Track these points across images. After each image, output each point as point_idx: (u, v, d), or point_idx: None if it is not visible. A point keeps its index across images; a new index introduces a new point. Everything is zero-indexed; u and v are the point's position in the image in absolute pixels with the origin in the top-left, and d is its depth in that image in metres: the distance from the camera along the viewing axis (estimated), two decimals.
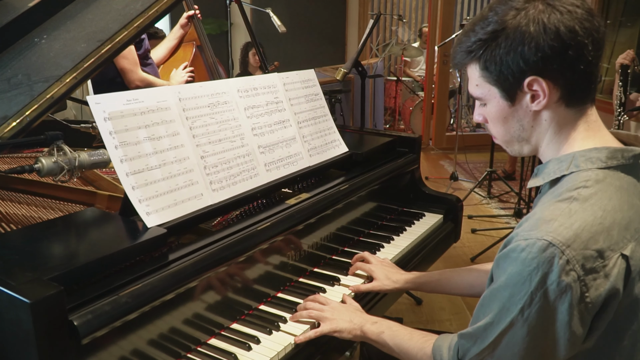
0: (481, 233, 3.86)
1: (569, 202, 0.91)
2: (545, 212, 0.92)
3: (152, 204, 1.23)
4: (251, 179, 1.51)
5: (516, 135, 1.03)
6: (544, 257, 0.87)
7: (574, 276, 0.86)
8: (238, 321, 1.30)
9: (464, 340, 1.00)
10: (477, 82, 1.02)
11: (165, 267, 1.11)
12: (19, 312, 0.86)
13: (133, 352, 1.05)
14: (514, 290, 0.90)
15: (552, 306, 0.88)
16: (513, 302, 0.90)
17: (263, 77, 1.70)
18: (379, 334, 1.20)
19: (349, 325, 1.25)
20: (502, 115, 1.02)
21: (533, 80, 0.94)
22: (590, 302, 0.88)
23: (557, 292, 0.87)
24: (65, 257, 1.05)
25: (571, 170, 0.96)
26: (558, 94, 0.96)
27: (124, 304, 0.99)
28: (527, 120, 1.00)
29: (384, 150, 2.03)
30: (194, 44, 3.07)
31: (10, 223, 1.44)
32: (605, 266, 0.88)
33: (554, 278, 0.86)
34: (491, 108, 1.03)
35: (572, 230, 0.87)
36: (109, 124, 1.21)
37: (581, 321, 0.89)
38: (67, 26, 1.60)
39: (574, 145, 0.99)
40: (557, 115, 0.98)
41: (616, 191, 0.93)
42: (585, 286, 0.87)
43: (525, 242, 0.89)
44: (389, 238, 1.81)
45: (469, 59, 1.00)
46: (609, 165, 0.95)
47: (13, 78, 1.42)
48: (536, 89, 0.95)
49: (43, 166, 1.27)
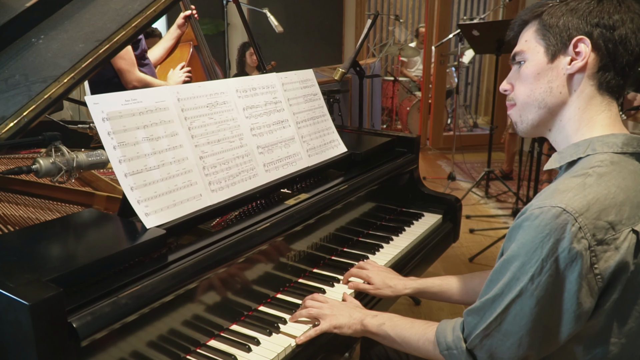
0: (479, 233, 3.86)
1: (584, 177, 0.94)
2: (559, 185, 0.95)
3: (151, 204, 1.22)
4: (250, 180, 1.50)
5: (540, 98, 1.05)
6: (557, 224, 0.89)
7: (585, 244, 0.88)
8: (238, 322, 1.29)
9: (471, 316, 1.01)
10: (527, 38, 1.07)
11: (165, 268, 1.11)
12: (18, 314, 0.85)
13: (132, 354, 1.05)
14: (525, 259, 0.92)
15: (562, 275, 0.90)
16: (524, 271, 0.92)
17: (262, 77, 1.69)
18: (379, 325, 1.20)
19: (348, 320, 1.25)
20: (536, 72, 1.04)
21: (581, 39, 0.99)
22: (599, 273, 0.89)
23: (568, 259, 0.89)
24: (64, 259, 1.04)
25: (588, 153, 0.99)
26: (595, 67, 1.00)
27: (124, 305, 0.98)
28: (557, 83, 1.03)
29: (382, 150, 2.03)
30: (191, 44, 3.06)
31: (8, 224, 1.43)
32: (616, 239, 0.90)
33: (566, 245, 0.88)
34: (528, 65, 1.06)
35: (585, 200, 0.90)
36: (107, 125, 1.21)
37: (590, 292, 0.90)
38: (65, 26, 1.59)
39: (593, 131, 1.02)
40: (586, 91, 1.02)
41: (630, 173, 0.96)
42: (596, 257, 0.89)
43: (539, 210, 0.91)
44: (388, 238, 1.81)
45: (532, 16, 1.06)
46: (625, 151, 0.98)
47: (10, 78, 1.41)
48: (580, 50, 0.99)
49: (41, 167, 1.26)
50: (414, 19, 8.12)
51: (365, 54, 6.28)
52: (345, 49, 6.96)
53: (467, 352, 1.02)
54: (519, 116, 1.10)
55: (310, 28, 6.66)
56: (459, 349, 1.03)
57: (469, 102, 7.96)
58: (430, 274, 2.24)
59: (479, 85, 8.10)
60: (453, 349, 1.04)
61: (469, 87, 8.07)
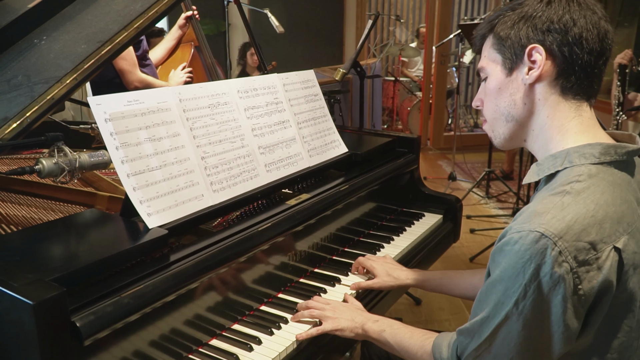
0: (480, 233, 3.86)
1: (561, 195, 0.92)
2: (538, 205, 0.93)
3: (153, 205, 1.23)
4: (251, 180, 1.51)
5: (505, 112, 1.04)
6: (537, 249, 0.87)
7: (567, 268, 0.86)
8: (239, 322, 1.30)
9: (462, 336, 1.01)
10: (485, 53, 1.07)
11: (167, 268, 1.11)
12: (21, 313, 0.86)
13: (135, 353, 1.05)
14: (509, 284, 0.90)
15: (546, 299, 0.88)
16: (507, 296, 0.91)
17: (263, 77, 1.70)
18: (380, 332, 1.21)
19: (350, 324, 1.25)
20: (497, 86, 1.04)
21: (534, 48, 0.97)
22: (583, 294, 0.88)
23: (551, 283, 0.87)
24: (66, 259, 1.05)
25: (565, 165, 0.97)
26: (554, 73, 0.98)
27: (126, 305, 0.99)
28: (519, 95, 1.02)
29: (383, 150, 2.03)
30: (192, 45, 3.07)
31: (11, 224, 1.44)
32: (598, 259, 0.88)
33: (547, 270, 0.87)
34: (490, 80, 1.06)
35: (564, 222, 0.88)
36: (109, 125, 1.21)
37: (575, 314, 0.89)
38: (67, 27, 1.60)
39: (567, 140, 1.00)
40: (550, 99, 1.00)
41: (609, 186, 0.93)
42: (578, 278, 0.87)
43: (518, 235, 0.89)
44: (389, 238, 1.81)
45: (487, 29, 1.06)
46: (602, 161, 0.95)
47: (13, 79, 1.42)
48: (535, 59, 0.98)
49: (43, 167, 1.27)
50: (415, 19, 8.12)
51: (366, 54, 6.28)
52: (345, 50, 6.97)
53: None
54: (492, 131, 1.10)
55: (310, 28, 6.66)
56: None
57: (469, 102, 7.96)
58: None
59: (479, 85, 8.09)
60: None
61: (469, 87, 8.07)
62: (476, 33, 1.10)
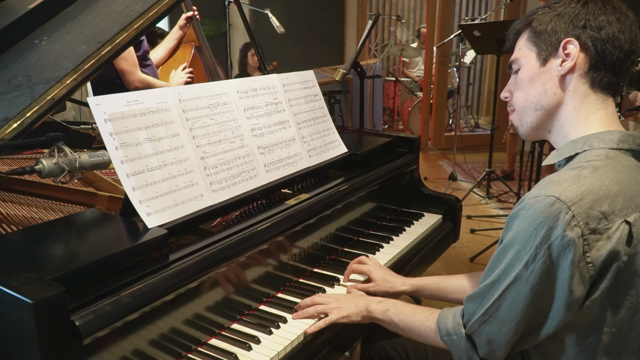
0: (480, 233, 3.87)
1: (579, 169, 0.98)
2: (555, 177, 0.98)
3: (153, 204, 1.24)
4: (251, 180, 1.51)
5: (535, 101, 1.09)
6: (551, 212, 0.92)
7: (578, 232, 0.91)
8: (238, 321, 1.31)
9: (470, 303, 1.05)
10: (520, 47, 1.12)
11: (166, 267, 1.12)
12: (21, 312, 0.87)
13: (134, 352, 1.06)
14: (520, 246, 0.95)
15: (555, 262, 0.92)
16: (518, 258, 0.95)
17: (262, 78, 1.70)
18: (384, 312, 1.25)
19: (355, 309, 1.29)
20: (530, 76, 1.09)
21: (569, 41, 1.03)
22: (590, 262, 0.92)
23: (561, 246, 0.91)
24: (66, 258, 1.05)
25: (584, 148, 1.03)
26: (585, 66, 1.04)
27: (125, 304, 1.00)
28: (550, 85, 1.07)
29: (383, 150, 2.04)
30: (193, 45, 3.07)
31: (11, 224, 1.45)
32: (609, 229, 0.93)
33: (559, 232, 0.91)
34: (523, 70, 1.11)
35: (579, 190, 0.93)
36: (109, 125, 1.22)
37: (581, 280, 0.93)
38: (67, 28, 1.61)
39: (590, 128, 1.05)
40: (580, 90, 1.05)
41: (625, 168, 0.99)
42: (588, 245, 0.91)
43: (534, 200, 0.94)
44: (388, 238, 1.82)
45: (524, 24, 1.11)
46: (620, 147, 1.01)
47: (13, 80, 1.42)
48: (569, 51, 1.04)
49: (44, 167, 1.27)
50: (415, 20, 8.12)
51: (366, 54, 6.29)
52: (346, 50, 6.97)
53: (466, 337, 1.05)
54: (519, 120, 1.15)
55: (311, 28, 6.66)
56: (459, 334, 1.06)
57: (470, 103, 7.96)
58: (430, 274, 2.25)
59: (480, 85, 8.10)
60: (453, 335, 1.08)
61: (470, 87, 8.07)
62: (512, 29, 1.15)
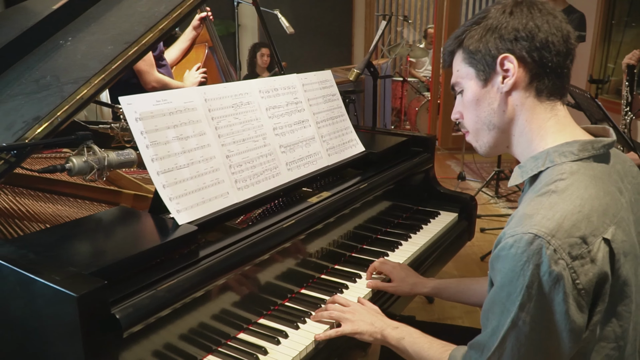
0: (490, 232, 3.88)
1: (548, 195, 0.95)
2: (527, 208, 0.95)
3: (182, 202, 1.26)
4: (273, 178, 1.53)
5: (486, 121, 1.08)
6: (532, 250, 0.89)
7: (563, 264, 0.89)
8: (265, 316, 1.33)
9: (473, 350, 1.02)
10: (457, 68, 1.10)
11: (197, 263, 1.14)
12: (64, 306, 0.89)
13: (166, 346, 1.08)
14: (510, 288, 0.92)
15: (549, 298, 0.90)
16: (511, 301, 0.92)
17: (283, 77, 1.73)
18: (399, 339, 1.21)
19: (370, 328, 1.25)
20: (475, 98, 1.08)
21: (505, 57, 1.01)
22: (582, 288, 0.90)
23: (551, 282, 0.89)
24: (102, 253, 1.08)
25: (547, 165, 1.01)
26: (527, 78, 1.02)
27: (162, 298, 1.02)
28: (497, 103, 1.05)
29: (398, 149, 2.06)
30: (206, 46, 3.10)
31: (39, 222, 1.47)
32: (590, 251, 0.90)
33: (545, 269, 0.89)
34: (467, 93, 1.09)
35: (554, 221, 0.90)
36: (140, 124, 1.24)
37: (579, 309, 0.91)
38: (91, 29, 1.63)
39: (547, 141, 1.03)
40: (527, 103, 1.04)
41: (591, 180, 0.97)
42: (575, 273, 0.89)
43: (512, 239, 0.91)
44: (407, 236, 1.84)
45: (456, 45, 1.09)
46: (581, 157, 0.99)
47: (41, 79, 1.44)
48: (507, 67, 1.02)
49: (74, 166, 1.30)
50: (422, 20, 8.13)
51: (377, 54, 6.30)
52: (354, 50, 6.99)
53: None
54: (476, 141, 1.13)
55: (319, 29, 6.68)
56: None
57: None
58: (442, 273, 2.26)
59: None
60: None
61: None
62: (444, 50, 1.13)
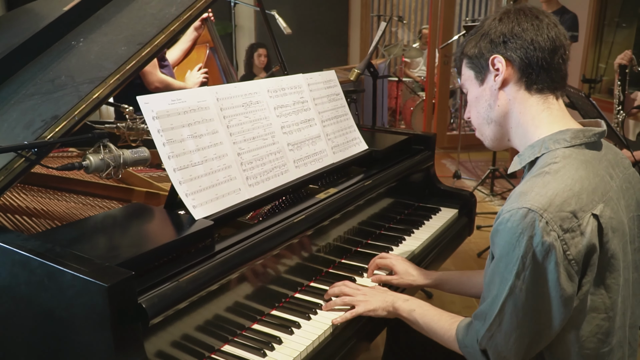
0: (486, 229, 3.94)
1: (542, 176, 1.06)
2: (523, 187, 1.06)
3: (197, 198, 1.30)
4: (282, 175, 1.58)
5: (485, 116, 1.21)
6: (526, 222, 0.99)
7: (555, 236, 0.99)
8: (277, 308, 1.38)
9: (476, 320, 1.12)
10: (463, 72, 1.24)
11: (215, 256, 1.19)
12: (95, 296, 0.93)
13: (184, 337, 1.12)
14: (507, 259, 1.02)
15: (542, 267, 1.00)
16: (508, 270, 1.02)
17: (290, 78, 1.77)
18: (410, 311, 1.31)
19: (382, 304, 1.35)
20: (475, 96, 1.22)
21: (494, 57, 1.15)
22: (572, 259, 1.00)
23: (543, 252, 0.99)
24: (126, 247, 1.12)
25: (542, 152, 1.12)
26: (516, 75, 1.14)
27: (184, 288, 1.07)
28: (493, 99, 1.18)
29: (400, 147, 2.11)
30: (208, 46, 3.14)
31: (55, 219, 1.51)
32: (580, 225, 1.01)
33: (538, 240, 0.99)
34: (469, 93, 1.24)
35: (547, 197, 1.00)
36: (157, 123, 1.29)
37: (569, 277, 1.01)
38: (103, 30, 1.67)
39: (541, 130, 1.14)
40: (518, 97, 1.15)
41: (582, 164, 1.07)
42: (566, 244, 0.99)
43: (509, 214, 1.02)
44: (409, 231, 1.89)
45: (459, 53, 1.24)
46: (574, 144, 1.10)
47: (57, 79, 1.48)
48: (497, 66, 1.15)
49: (91, 163, 1.34)
50: (417, 20, 8.20)
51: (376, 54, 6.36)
52: (350, 50, 7.04)
53: (480, 352, 1.12)
54: (481, 135, 1.26)
55: (316, 29, 6.73)
56: (474, 348, 1.13)
57: None
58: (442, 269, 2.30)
59: None
60: (469, 348, 1.15)
61: None
62: (453, 58, 1.28)
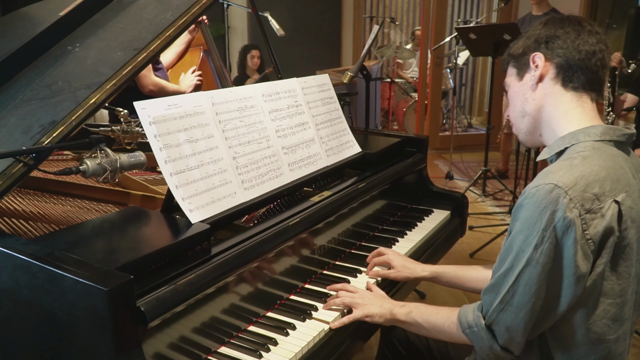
0: (478, 230, 3.98)
1: (570, 160, 1.12)
2: (550, 168, 1.12)
3: (194, 201, 1.32)
4: (277, 178, 1.60)
5: (520, 109, 1.27)
6: (551, 197, 1.04)
7: (576, 213, 1.04)
8: (272, 310, 1.40)
9: (487, 295, 1.15)
10: (507, 71, 1.32)
11: (212, 259, 1.21)
12: (95, 299, 0.95)
13: (181, 339, 1.14)
14: (528, 232, 1.06)
15: (560, 242, 1.05)
16: (527, 243, 1.06)
17: (284, 82, 1.80)
18: (407, 314, 1.33)
19: (379, 310, 1.37)
20: (514, 91, 1.29)
21: (535, 55, 1.22)
22: (590, 238, 1.05)
23: (564, 227, 1.04)
24: (124, 250, 1.14)
25: (572, 142, 1.17)
26: (554, 71, 1.21)
27: (182, 291, 1.09)
28: (529, 93, 1.25)
29: (393, 150, 2.14)
30: (201, 49, 3.15)
31: (52, 223, 1.52)
32: (602, 208, 1.06)
33: (560, 215, 1.04)
34: (510, 89, 1.31)
35: (573, 177, 1.06)
36: (153, 128, 1.31)
37: (584, 256, 1.05)
38: (99, 35, 1.68)
39: (573, 124, 1.20)
40: (554, 91, 1.21)
41: (609, 156, 1.13)
42: (586, 224, 1.05)
43: (535, 189, 1.07)
44: (402, 233, 1.92)
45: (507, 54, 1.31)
46: (603, 139, 1.15)
47: (54, 85, 1.50)
48: (537, 63, 1.22)
49: (88, 168, 1.35)
50: (409, 22, 8.24)
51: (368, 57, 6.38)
52: (343, 52, 7.07)
53: (486, 328, 1.15)
54: (516, 129, 1.32)
55: (309, 31, 6.75)
56: (479, 326, 1.16)
57: (463, 103, 8.10)
58: None
59: (472, 86, 8.25)
60: (474, 327, 1.17)
61: (463, 88, 8.21)
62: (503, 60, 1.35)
